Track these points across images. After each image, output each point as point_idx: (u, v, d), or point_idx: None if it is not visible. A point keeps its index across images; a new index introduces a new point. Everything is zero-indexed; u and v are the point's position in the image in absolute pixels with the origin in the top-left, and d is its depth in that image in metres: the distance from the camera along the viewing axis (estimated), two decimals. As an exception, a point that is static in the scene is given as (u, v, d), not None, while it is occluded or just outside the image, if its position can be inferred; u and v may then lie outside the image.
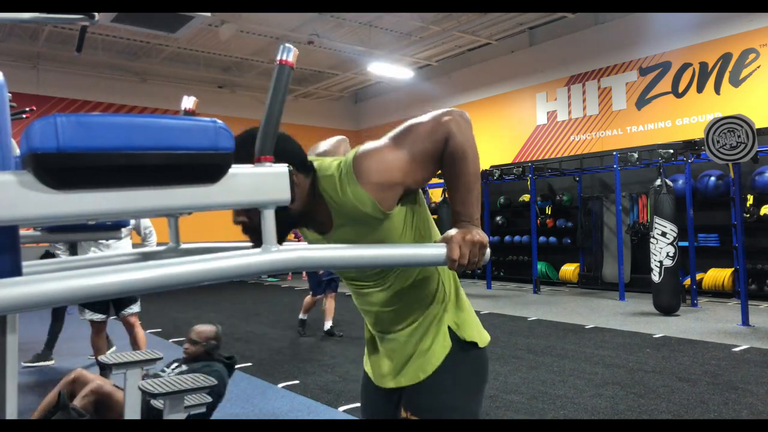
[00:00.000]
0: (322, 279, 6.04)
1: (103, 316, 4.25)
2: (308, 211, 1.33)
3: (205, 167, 0.93)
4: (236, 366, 3.41)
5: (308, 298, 6.23)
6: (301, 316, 6.29)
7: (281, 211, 1.09)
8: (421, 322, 1.44)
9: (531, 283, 10.04)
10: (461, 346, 1.43)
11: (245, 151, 1.11)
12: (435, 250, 1.19)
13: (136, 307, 4.34)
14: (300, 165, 1.29)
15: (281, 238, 1.19)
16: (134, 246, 4.79)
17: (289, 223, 1.29)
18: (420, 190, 1.42)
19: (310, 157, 1.36)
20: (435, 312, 1.44)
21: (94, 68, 12.57)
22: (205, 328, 3.27)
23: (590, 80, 11.01)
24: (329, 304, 6.17)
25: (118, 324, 4.55)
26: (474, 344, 1.45)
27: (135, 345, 4.29)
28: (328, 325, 6.14)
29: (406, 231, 1.36)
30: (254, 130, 1.27)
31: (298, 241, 2.02)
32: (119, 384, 2.86)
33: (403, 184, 1.28)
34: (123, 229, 3.41)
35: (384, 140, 1.31)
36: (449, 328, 1.44)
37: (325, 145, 1.70)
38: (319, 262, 1.09)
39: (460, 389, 1.42)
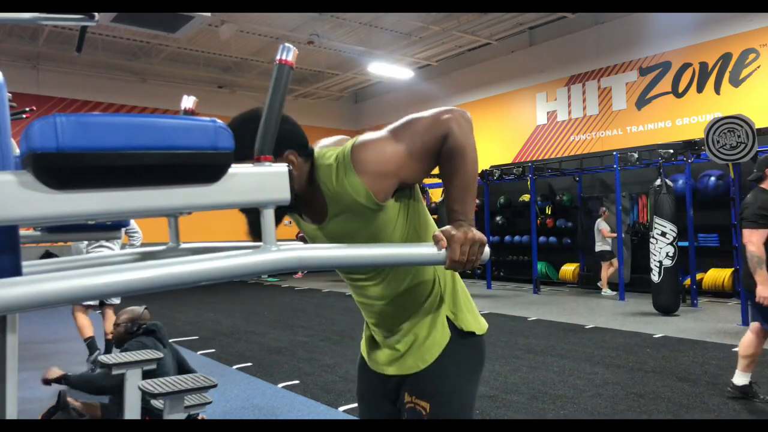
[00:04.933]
0: None
1: None
2: (305, 198, 1.34)
3: (204, 167, 0.93)
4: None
5: (751, 337, 3.50)
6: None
7: None
8: (417, 313, 1.46)
9: (531, 283, 10.03)
10: (460, 335, 1.46)
11: (246, 134, 1.12)
12: (435, 250, 1.19)
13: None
14: (300, 147, 1.31)
15: (278, 220, 1.19)
16: (123, 246, 4.90)
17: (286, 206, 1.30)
18: (417, 186, 1.42)
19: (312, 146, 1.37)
20: (432, 302, 1.45)
21: (94, 68, 12.58)
22: (123, 313, 3.49)
23: (590, 80, 11.01)
24: None
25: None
26: (472, 333, 1.47)
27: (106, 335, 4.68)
28: (741, 379, 3.60)
29: (399, 225, 1.37)
30: (250, 113, 1.28)
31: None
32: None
33: (398, 176, 1.29)
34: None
35: (383, 132, 1.32)
36: (447, 318, 1.46)
37: (326, 141, 1.71)
38: (318, 261, 1.09)
39: (461, 374, 1.45)
